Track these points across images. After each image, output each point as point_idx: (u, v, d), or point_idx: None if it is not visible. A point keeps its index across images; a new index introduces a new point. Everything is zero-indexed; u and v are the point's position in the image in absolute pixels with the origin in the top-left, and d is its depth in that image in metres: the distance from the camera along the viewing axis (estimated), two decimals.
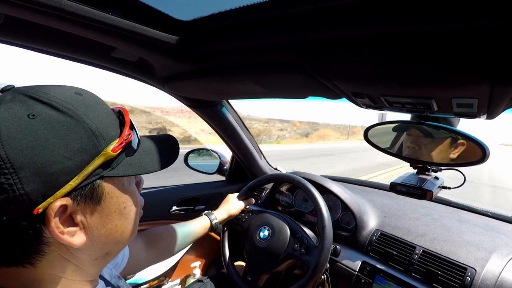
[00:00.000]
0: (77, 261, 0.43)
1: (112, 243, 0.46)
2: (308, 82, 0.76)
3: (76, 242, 0.40)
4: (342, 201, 1.30)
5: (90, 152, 0.39)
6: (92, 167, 0.39)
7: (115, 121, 0.45)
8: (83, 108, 0.40)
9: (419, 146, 0.90)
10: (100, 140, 0.40)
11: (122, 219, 0.46)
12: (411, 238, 1.10)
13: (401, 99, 0.70)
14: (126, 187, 0.46)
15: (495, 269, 0.91)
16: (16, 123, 0.34)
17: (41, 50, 0.83)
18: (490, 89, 0.53)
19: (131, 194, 0.48)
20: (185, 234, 1.04)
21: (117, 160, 0.43)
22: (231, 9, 0.61)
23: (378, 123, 0.94)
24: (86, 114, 0.39)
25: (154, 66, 0.96)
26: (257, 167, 1.73)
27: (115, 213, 0.45)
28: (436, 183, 0.91)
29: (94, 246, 0.44)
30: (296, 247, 1.09)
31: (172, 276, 1.70)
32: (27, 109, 0.36)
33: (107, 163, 0.41)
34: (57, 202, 0.37)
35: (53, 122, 0.36)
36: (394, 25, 0.47)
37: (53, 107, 0.37)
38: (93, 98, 0.43)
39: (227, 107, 1.44)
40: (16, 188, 0.33)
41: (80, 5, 0.54)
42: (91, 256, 0.45)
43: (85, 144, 0.38)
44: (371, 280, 1.07)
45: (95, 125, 0.39)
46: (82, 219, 0.41)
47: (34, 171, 0.34)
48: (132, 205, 0.48)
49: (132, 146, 0.46)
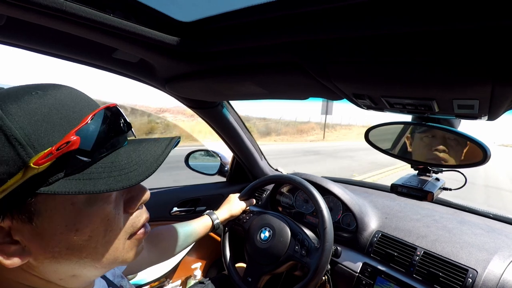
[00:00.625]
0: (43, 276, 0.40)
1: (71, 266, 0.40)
2: (309, 83, 0.76)
3: (8, 262, 0.35)
4: (343, 202, 1.30)
5: (13, 164, 0.33)
6: (13, 181, 0.32)
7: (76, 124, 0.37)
8: (19, 111, 0.34)
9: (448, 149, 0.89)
10: (28, 149, 0.33)
11: (76, 244, 0.39)
12: (412, 239, 1.10)
13: (402, 100, 0.70)
14: (78, 207, 0.38)
15: (497, 270, 0.91)
16: None
17: (43, 52, 0.83)
18: (491, 90, 0.53)
19: (91, 216, 0.39)
20: (187, 234, 1.04)
21: (56, 174, 0.35)
22: (232, 10, 0.62)
23: (379, 124, 0.94)
24: (15, 119, 0.33)
25: (155, 67, 0.96)
26: (258, 168, 1.73)
27: (61, 235, 0.37)
28: (437, 184, 0.91)
29: (48, 267, 0.39)
30: (296, 248, 1.09)
31: (173, 277, 1.70)
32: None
33: (38, 177, 0.34)
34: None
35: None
36: (395, 26, 0.47)
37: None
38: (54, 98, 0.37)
39: (228, 108, 1.44)
40: None
41: (81, 7, 0.54)
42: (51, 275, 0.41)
43: (6, 154, 0.32)
44: (372, 281, 1.07)
45: (23, 131, 0.33)
46: (21, 237, 0.36)
47: None
48: (93, 229, 0.40)
49: (78, 157, 0.36)
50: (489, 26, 0.40)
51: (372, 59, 0.57)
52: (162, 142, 0.45)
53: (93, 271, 0.43)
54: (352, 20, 0.50)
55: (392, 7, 0.46)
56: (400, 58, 0.53)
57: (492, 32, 0.41)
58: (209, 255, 1.83)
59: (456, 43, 0.45)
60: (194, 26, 0.72)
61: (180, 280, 1.72)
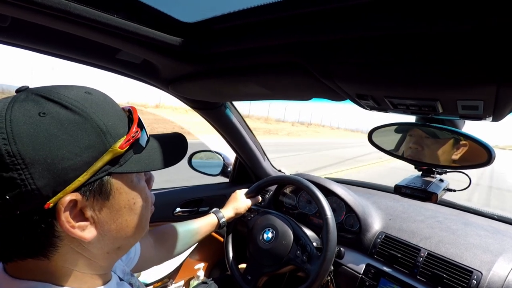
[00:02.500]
0: (89, 254, 0.44)
1: (123, 238, 0.47)
2: (312, 83, 0.76)
3: (87, 236, 0.41)
4: (346, 203, 1.29)
5: (98, 149, 0.40)
6: (100, 163, 0.40)
7: (124, 119, 0.46)
8: (92, 107, 0.41)
9: (422, 147, 0.89)
10: (108, 137, 0.41)
11: (132, 215, 0.47)
12: (416, 240, 1.09)
13: (405, 101, 0.69)
14: (135, 183, 0.47)
15: (502, 272, 0.90)
16: (27, 121, 0.36)
17: (47, 52, 0.83)
18: (496, 91, 0.52)
19: (141, 191, 0.49)
20: (193, 232, 1.05)
21: (125, 157, 0.44)
22: (236, 11, 0.62)
23: (382, 125, 0.93)
24: (94, 112, 0.40)
25: (159, 68, 0.97)
26: (261, 169, 1.73)
27: (124, 208, 0.46)
28: (441, 185, 0.91)
29: (105, 241, 0.45)
30: (298, 253, 1.09)
31: (176, 278, 1.70)
32: (38, 107, 0.37)
33: (115, 160, 0.42)
34: (66, 197, 0.38)
35: (62, 120, 0.38)
36: (399, 27, 0.47)
37: (63, 105, 0.38)
38: (102, 97, 0.45)
39: (231, 108, 1.44)
40: (28, 183, 0.35)
41: (86, 8, 0.54)
42: (102, 249, 0.46)
43: (93, 141, 0.39)
44: (375, 282, 1.07)
45: (103, 123, 0.41)
46: (92, 214, 0.42)
47: (44, 167, 0.35)
48: (141, 201, 0.49)
49: (140, 144, 0.47)
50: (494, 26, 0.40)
51: (376, 59, 0.57)
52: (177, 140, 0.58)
53: (132, 242, 0.51)
54: (356, 21, 0.50)
55: (395, 7, 0.45)
56: (404, 58, 0.53)
57: (497, 32, 0.41)
58: (212, 255, 1.83)
59: (461, 43, 0.45)
60: (198, 26, 0.72)
61: (183, 281, 1.72)
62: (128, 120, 0.47)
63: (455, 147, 0.84)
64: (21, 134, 0.35)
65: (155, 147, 0.51)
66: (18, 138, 0.35)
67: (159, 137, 0.55)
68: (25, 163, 0.34)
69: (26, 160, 0.34)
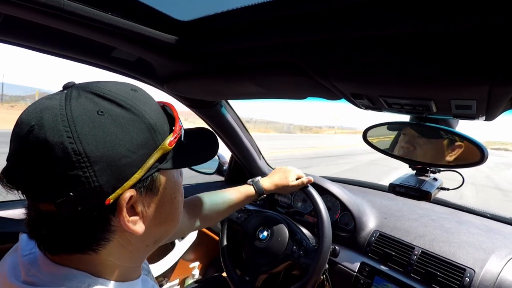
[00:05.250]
0: (132, 247, 0.46)
1: (163, 231, 0.50)
2: (307, 83, 0.76)
3: (139, 230, 0.42)
4: (341, 201, 1.30)
5: (150, 146, 0.41)
6: (152, 160, 0.41)
7: (163, 115, 0.47)
8: (141, 104, 0.42)
9: (414, 147, 0.90)
10: (157, 134, 0.43)
11: (173, 209, 0.49)
12: (410, 239, 1.10)
13: (400, 100, 0.70)
14: (176, 178, 0.49)
15: (494, 269, 0.91)
16: (88, 119, 0.37)
17: (41, 50, 0.83)
18: (489, 91, 0.53)
19: (179, 185, 0.51)
20: (228, 203, 1.01)
21: (171, 153, 0.45)
22: (231, 10, 0.61)
23: (377, 124, 0.94)
24: (145, 110, 0.42)
25: (154, 66, 0.96)
26: (256, 168, 1.73)
27: (168, 203, 0.47)
28: (435, 184, 0.91)
29: (148, 234, 0.46)
30: (294, 249, 1.09)
31: (171, 276, 1.70)
32: (95, 106, 0.38)
33: (163, 156, 0.44)
34: (127, 193, 0.40)
35: (119, 118, 0.39)
36: (394, 27, 0.47)
37: (117, 104, 0.40)
38: (146, 94, 0.46)
39: (226, 107, 1.44)
40: (92, 181, 0.36)
41: (79, 5, 0.54)
42: (144, 243, 0.48)
43: (146, 138, 0.41)
44: (370, 280, 1.07)
45: (153, 121, 0.42)
46: (142, 209, 0.44)
47: (106, 164, 0.37)
48: (180, 195, 0.51)
49: (181, 140, 0.48)
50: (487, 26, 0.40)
51: (371, 59, 0.57)
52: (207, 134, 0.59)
53: (168, 234, 0.52)
54: (351, 21, 0.50)
55: (390, 7, 0.46)
56: (398, 58, 0.53)
57: (490, 32, 0.41)
58: (207, 254, 1.83)
59: (454, 43, 0.46)
60: (193, 25, 0.72)
61: (178, 279, 1.71)
62: (168, 116, 0.48)
63: (450, 148, 0.85)
64: (85, 133, 0.36)
65: (191, 143, 0.52)
66: (83, 136, 0.36)
67: (189, 132, 0.55)
68: (90, 161, 0.36)
69: (90, 158, 0.36)
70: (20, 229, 0.47)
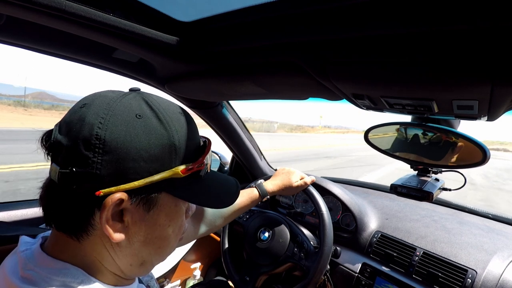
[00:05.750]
0: (114, 255, 0.45)
1: (147, 253, 0.48)
2: (309, 83, 0.76)
3: (116, 237, 0.42)
4: (343, 202, 1.30)
5: (163, 164, 0.42)
6: (158, 177, 0.41)
7: (198, 146, 0.48)
8: (178, 126, 0.44)
9: (424, 150, 0.89)
10: (176, 157, 0.43)
11: (162, 236, 0.48)
12: (411, 239, 1.10)
13: (401, 101, 0.70)
14: (178, 208, 0.48)
15: (496, 270, 0.91)
16: (126, 117, 0.40)
17: (43, 51, 0.83)
18: (491, 91, 0.52)
19: (179, 218, 0.49)
20: (232, 207, 1.00)
21: (182, 182, 0.45)
22: (232, 10, 0.62)
23: (378, 125, 0.94)
24: (177, 132, 0.43)
25: (155, 67, 0.96)
26: (258, 169, 1.73)
27: (158, 226, 0.46)
28: (436, 184, 0.91)
29: (131, 249, 0.46)
30: (295, 250, 1.09)
31: (172, 277, 1.70)
32: (139, 109, 0.42)
33: (173, 180, 0.44)
34: (117, 194, 0.40)
35: (150, 127, 0.41)
36: (395, 27, 0.47)
37: (156, 115, 0.42)
38: (190, 121, 0.48)
39: (228, 108, 1.44)
40: (96, 167, 0.38)
41: (81, 6, 0.54)
42: (126, 258, 0.47)
43: (163, 155, 0.42)
44: (371, 281, 1.07)
45: (179, 143, 0.43)
46: (129, 219, 0.43)
47: (115, 158, 0.39)
48: (176, 227, 0.49)
49: (200, 175, 0.48)
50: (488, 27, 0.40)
51: (372, 59, 0.57)
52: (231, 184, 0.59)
53: (157, 261, 0.51)
54: (352, 21, 0.50)
55: (391, 8, 0.46)
56: (400, 58, 0.53)
57: (491, 33, 0.41)
58: (209, 255, 1.83)
59: (456, 43, 0.45)
60: (194, 26, 0.72)
61: (179, 280, 1.71)
62: (199, 149, 0.49)
63: (451, 148, 0.85)
64: (115, 125, 0.39)
65: (210, 184, 0.52)
66: (111, 127, 0.39)
67: (216, 174, 0.56)
68: (104, 149, 0.38)
69: (106, 147, 0.38)
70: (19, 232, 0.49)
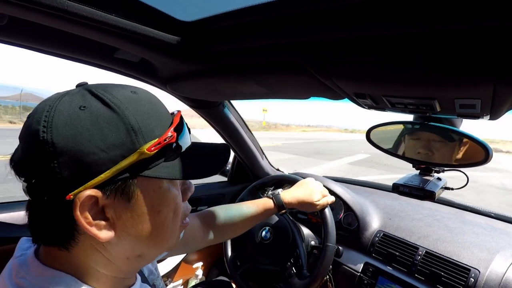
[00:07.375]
0: (108, 255, 0.43)
1: (144, 246, 0.45)
2: (311, 82, 0.76)
3: (101, 236, 0.39)
4: (345, 202, 1.29)
5: (126, 148, 0.39)
6: (126, 163, 0.38)
7: (166, 122, 0.44)
8: (131, 106, 0.40)
9: (432, 152, 0.89)
10: (139, 137, 0.39)
11: (157, 224, 0.45)
12: (414, 239, 1.09)
13: (403, 100, 0.69)
14: (164, 191, 0.45)
15: (499, 270, 0.90)
16: (67, 112, 0.37)
17: (44, 51, 0.83)
18: (493, 90, 0.52)
19: (169, 200, 0.46)
20: (244, 217, 0.96)
21: (155, 160, 0.42)
22: (234, 10, 0.61)
23: (380, 124, 0.94)
24: (131, 111, 0.40)
25: (157, 66, 0.96)
26: (259, 168, 1.73)
27: (147, 215, 0.43)
28: (439, 184, 0.91)
29: (124, 245, 0.44)
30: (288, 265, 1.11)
31: (174, 277, 1.70)
32: (82, 101, 0.38)
33: (143, 162, 0.40)
34: (86, 192, 0.37)
35: (97, 115, 0.38)
36: (394, 27, 0.47)
37: (103, 102, 0.39)
38: (147, 97, 0.44)
39: (229, 107, 1.44)
40: (55, 172, 0.36)
41: (83, 6, 0.54)
42: (121, 253, 0.44)
43: (123, 139, 0.38)
44: (374, 281, 1.07)
45: (136, 122, 0.39)
46: (112, 214, 0.41)
47: (71, 158, 0.36)
48: (169, 211, 0.46)
49: (174, 149, 0.44)
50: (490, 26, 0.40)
51: (374, 58, 0.57)
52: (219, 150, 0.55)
53: (155, 253, 0.48)
54: (354, 20, 0.50)
55: (393, 7, 0.45)
56: (402, 58, 0.53)
57: (494, 32, 0.41)
58: (210, 255, 1.83)
59: (458, 42, 0.45)
60: (196, 25, 0.72)
61: (181, 280, 1.72)
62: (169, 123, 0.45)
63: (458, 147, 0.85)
64: (59, 124, 0.36)
65: (193, 155, 0.48)
66: (55, 127, 0.36)
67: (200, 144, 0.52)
68: (55, 152, 0.36)
69: (57, 149, 0.36)
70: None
